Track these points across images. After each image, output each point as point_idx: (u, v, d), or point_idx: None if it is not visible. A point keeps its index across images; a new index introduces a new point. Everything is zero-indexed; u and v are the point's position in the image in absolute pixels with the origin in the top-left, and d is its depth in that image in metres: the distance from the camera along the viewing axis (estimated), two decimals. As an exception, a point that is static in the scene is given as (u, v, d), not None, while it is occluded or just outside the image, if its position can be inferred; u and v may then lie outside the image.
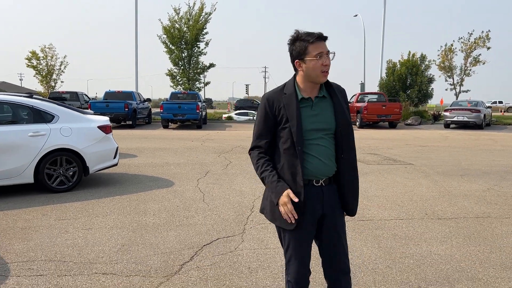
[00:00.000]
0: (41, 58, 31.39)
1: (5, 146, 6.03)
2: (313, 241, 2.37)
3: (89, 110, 10.06)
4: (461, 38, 30.92)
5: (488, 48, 30.30)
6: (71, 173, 6.54)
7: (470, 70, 31.03)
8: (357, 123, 22.08)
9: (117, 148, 7.30)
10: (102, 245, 4.20)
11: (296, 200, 2.11)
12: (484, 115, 22.01)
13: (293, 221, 2.15)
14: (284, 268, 2.38)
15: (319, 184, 2.26)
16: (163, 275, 3.52)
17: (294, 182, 2.19)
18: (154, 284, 3.36)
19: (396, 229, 4.82)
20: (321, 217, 2.29)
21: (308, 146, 2.21)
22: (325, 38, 2.22)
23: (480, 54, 30.62)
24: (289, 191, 2.13)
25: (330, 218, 2.30)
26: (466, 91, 32.05)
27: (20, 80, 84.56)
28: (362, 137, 16.35)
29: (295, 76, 2.28)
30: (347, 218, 2.44)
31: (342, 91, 2.35)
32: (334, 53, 2.22)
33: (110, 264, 3.74)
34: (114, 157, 7.19)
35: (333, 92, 2.29)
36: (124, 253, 4.01)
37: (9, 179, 6.09)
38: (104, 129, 6.95)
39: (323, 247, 2.35)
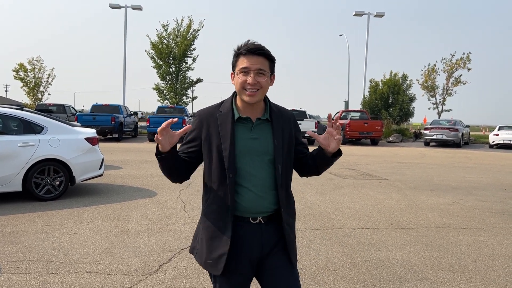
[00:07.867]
0: (28, 70, 31.54)
1: (-5, 156, 6.31)
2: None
3: (76, 123, 10.36)
4: (444, 59, 32.09)
5: (469, 69, 31.42)
6: (58, 182, 6.84)
7: (452, 90, 32.09)
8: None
9: (103, 159, 7.62)
10: (87, 248, 4.51)
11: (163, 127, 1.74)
12: (462, 133, 22.81)
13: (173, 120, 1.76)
14: None
15: (257, 221, 1.90)
16: (142, 274, 3.85)
17: (222, 216, 1.87)
18: (133, 281, 3.69)
19: (361, 237, 5.21)
20: (261, 260, 1.92)
21: (242, 175, 1.86)
22: (260, 53, 1.82)
23: (461, 75, 31.75)
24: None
25: (272, 264, 1.91)
26: (448, 110, 33.06)
27: (6, 91, 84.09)
28: (343, 153, 16.82)
29: (235, 92, 1.96)
30: (316, 226, 2.40)
31: (290, 116, 2.01)
32: (270, 74, 1.87)
33: (94, 264, 4.06)
34: (100, 168, 7.50)
35: (275, 115, 1.95)
36: (107, 255, 4.33)
37: (-2, 187, 6.36)
38: (90, 140, 7.28)
39: None
